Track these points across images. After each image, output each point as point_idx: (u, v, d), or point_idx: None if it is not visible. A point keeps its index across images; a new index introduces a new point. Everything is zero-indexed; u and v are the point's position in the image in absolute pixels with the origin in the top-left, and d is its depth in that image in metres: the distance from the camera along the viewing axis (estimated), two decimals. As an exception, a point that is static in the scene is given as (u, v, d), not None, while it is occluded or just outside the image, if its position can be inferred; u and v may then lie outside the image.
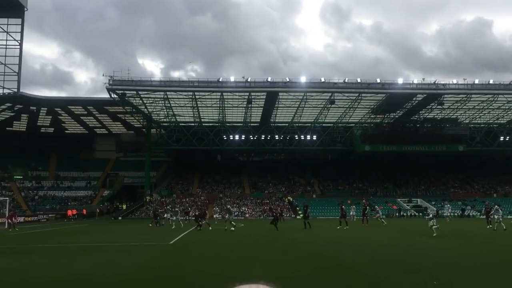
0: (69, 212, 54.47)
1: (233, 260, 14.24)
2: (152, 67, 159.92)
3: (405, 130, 63.06)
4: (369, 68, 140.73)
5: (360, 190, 67.87)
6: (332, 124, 63.96)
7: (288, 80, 53.72)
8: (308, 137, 64.32)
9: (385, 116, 63.08)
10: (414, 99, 56.78)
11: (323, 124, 63.89)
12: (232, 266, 12.74)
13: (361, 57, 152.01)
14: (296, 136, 64.29)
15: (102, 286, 9.89)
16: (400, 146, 63.06)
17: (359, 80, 54.08)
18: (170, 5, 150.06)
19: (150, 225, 35.93)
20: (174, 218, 34.05)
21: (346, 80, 54.08)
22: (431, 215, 25.12)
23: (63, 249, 19.24)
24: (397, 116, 62.94)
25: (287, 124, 63.58)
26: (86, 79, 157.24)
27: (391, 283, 9.81)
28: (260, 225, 36.08)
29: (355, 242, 20.16)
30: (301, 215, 33.73)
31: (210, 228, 29.80)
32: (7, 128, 68.26)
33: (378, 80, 54.46)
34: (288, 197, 63.58)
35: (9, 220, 36.47)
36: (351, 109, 58.88)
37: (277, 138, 64.22)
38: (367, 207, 39.70)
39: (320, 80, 54.17)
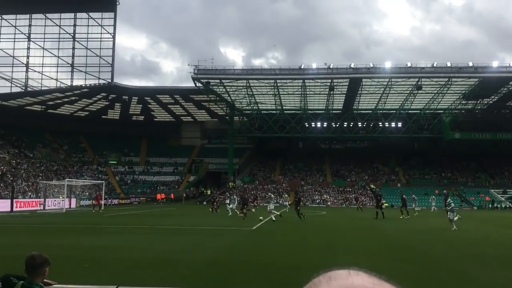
0: (158, 196, 57.40)
1: (314, 248, 14.25)
2: (234, 55, 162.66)
3: (500, 117, 58.98)
4: (460, 51, 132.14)
5: (449, 180, 64.61)
6: (418, 111, 61.34)
7: (372, 65, 52.27)
8: (393, 124, 62.30)
9: (478, 101, 59.37)
10: (510, 83, 52.83)
11: (409, 111, 61.47)
12: (314, 253, 12.75)
13: (451, 39, 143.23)
14: (380, 123, 62.52)
15: (188, 267, 10.35)
16: (494, 134, 59.08)
17: (449, 64, 51.37)
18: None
19: (218, 211, 35.20)
20: (232, 205, 33.74)
21: (434, 65, 51.63)
22: (452, 205, 22.09)
23: (153, 230, 20.37)
24: (491, 102, 59.00)
25: (370, 111, 61.95)
26: (172, 69, 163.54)
27: (483, 279, 9.27)
28: (342, 213, 35.69)
29: (441, 234, 19.26)
30: (385, 204, 32.64)
31: (242, 216, 27.63)
32: (103, 117, 73.13)
33: (470, 64, 51.33)
34: (371, 185, 62.15)
35: (94, 202, 39.15)
36: (440, 94, 55.99)
37: (360, 125, 62.87)
38: (448, 198, 37.35)
39: (406, 65, 52.24)
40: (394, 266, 10.44)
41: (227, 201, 35.62)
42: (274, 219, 25.93)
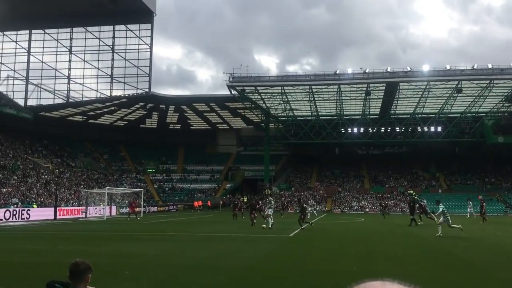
0: (195, 203, 57.91)
1: (353, 255, 14.03)
2: (268, 62, 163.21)
3: (546, 119, 56.61)
4: (500, 52, 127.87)
5: (492, 185, 62.39)
6: (459, 115, 59.66)
7: (409, 69, 51.29)
8: (432, 128, 60.80)
9: (522, 103, 57.21)
10: (557, 83, 50.74)
11: (449, 115, 59.87)
12: (352, 260, 12.54)
13: (491, 40, 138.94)
14: (418, 127, 61.16)
15: (227, 274, 10.37)
16: (540, 137, 56.78)
17: (490, 66, 49.74)
18: (284, 0, 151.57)
19: (243, 217, 34.64)
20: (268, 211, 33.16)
21: (475, 67, 50.09)
22: (441, 209, 20.24)
23: (191, 237, 20.55)
24: (536, 104, 56.68)
25: (408, 116, 60.71)
26: (207, 77, 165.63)
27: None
28: (381, 220, 35.02)
29: (483, 241, 18.58)
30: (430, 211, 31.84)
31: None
32: (141, 126, 74.75)
33: (513, 65, 49.56)
34: (410, 191, 60.70)
35: (129, 209, 39.52)
36: (481, 97, 54.29)
37: (398, 130, 61.67)
38: (484, 204, 35.85)
39: (445, 67, 50.95)
40: (436, 274, 10.13)
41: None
42: (264, 226, 24.38)
